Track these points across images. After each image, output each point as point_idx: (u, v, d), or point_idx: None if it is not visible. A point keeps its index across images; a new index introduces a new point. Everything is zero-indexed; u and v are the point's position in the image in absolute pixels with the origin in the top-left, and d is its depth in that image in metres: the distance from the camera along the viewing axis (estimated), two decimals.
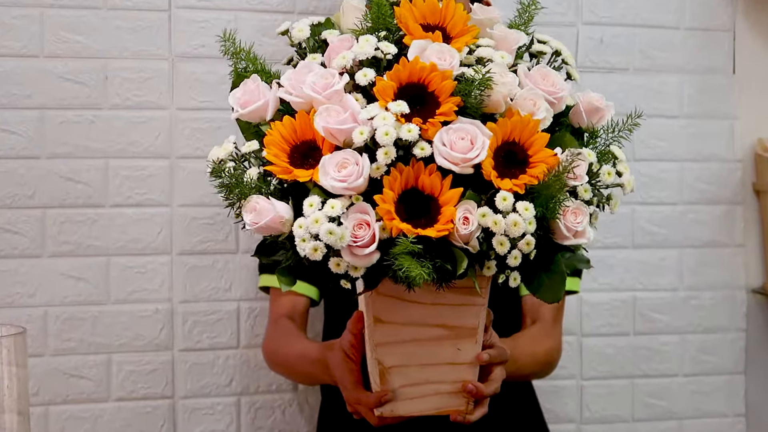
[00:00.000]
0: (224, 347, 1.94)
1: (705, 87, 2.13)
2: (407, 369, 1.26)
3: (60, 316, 1.87)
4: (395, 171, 1.07)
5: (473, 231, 1.06)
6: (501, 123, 1.09)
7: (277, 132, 1.12)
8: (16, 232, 1.85)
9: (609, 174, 1.16)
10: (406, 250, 1.04)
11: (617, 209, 1.20)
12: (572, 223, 1.11)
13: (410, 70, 1.10)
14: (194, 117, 1.91)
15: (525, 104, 1.12)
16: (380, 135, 1.06)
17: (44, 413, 1.87)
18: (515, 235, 1.06)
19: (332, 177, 1.07)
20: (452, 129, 1.07)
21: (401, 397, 1.27)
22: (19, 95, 1.84)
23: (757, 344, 2.18)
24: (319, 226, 1.06)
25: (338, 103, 1.11)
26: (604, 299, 2.08)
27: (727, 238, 2.15)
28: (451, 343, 1.24)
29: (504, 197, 1.06)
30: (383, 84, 1.10)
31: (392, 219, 1.06)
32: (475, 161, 1.06)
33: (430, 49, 1.12)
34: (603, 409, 2.12)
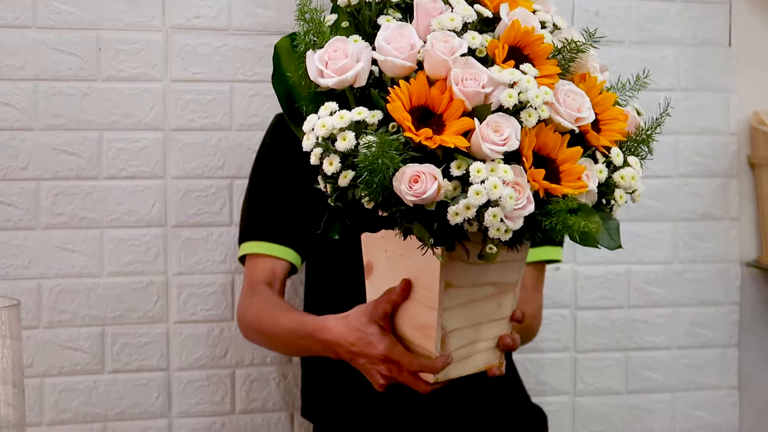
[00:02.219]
0: (219, 320, 1.94)
1: (701, 60, 2.12)
2: (462, 330, 1.27)
3: (54, 289, 1.87)
4: (531, 134, 1.10)
5: (593, 189, 1.13)
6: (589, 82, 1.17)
7: (397, 98, 1.09)
8: (9, 204, 1.85)
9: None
10: (566, 209, 1.08)
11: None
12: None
13: (517, 32, 1.13)
14: (188, 89, 1.90)
15: (592, 68, 1.21)
16: (532, 97, 1.09)
17: (39, 385, 1.87)
18: (634, 187, 1.17)
19: (491, 141, 1.07)
20: (563, 90, 1.13)
21: (461, 354, 1.28)
22: (12, 66, 1.83)
23: (751, 317, 2.18)
24: (498, 191, 1.05)
25: (462, 66, 1.11)
26: (598, 272, 2.09)
27: (722, 212, 2.16)
28: (496, 300, 1.27)
29: (617, 153, 1.15)
30: (494, 44, 1.13)
31: (535, 180, 1.09)
32: (587, 120, 1.13)
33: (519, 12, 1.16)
34: (597, 382, 2.12)
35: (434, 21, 1.13)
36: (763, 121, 2.10)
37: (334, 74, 1.13)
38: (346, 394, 1.35)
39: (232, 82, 1.91)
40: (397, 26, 1.15)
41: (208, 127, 1.91)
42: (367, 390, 1.32)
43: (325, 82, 1.14)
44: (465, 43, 1.12)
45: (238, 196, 1.91)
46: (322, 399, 1.70)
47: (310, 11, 1.19)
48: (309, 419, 1.77)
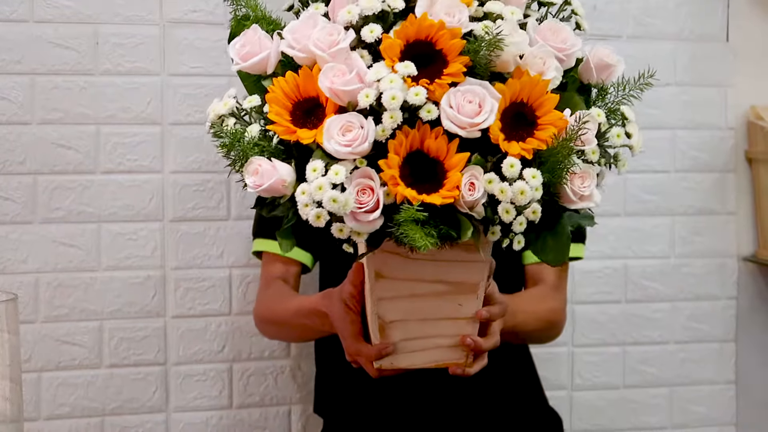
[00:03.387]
0: (216, 314, 1.94)
1: (698, 54, 2.12)
2: (407, 323, 1.25)
3: (51, 283, 1.87)
4: (401, 134, 1.04)
5: (479, 198, 1.04)
6: (510, 84, 1.06)
7: (279, 88, 1.09)
8: (6, 198, 1.84)
9: (618, 136, 1.14)
10: (410, 218, 1.02)
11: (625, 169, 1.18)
12: (579, 188, 1.09)
13: (418, 27, 1.06)
14: (186, 83, 1.90)
15: (535, 63, 1.09)
16: (387, 99, 1.02)
17: (36, 379, 1.87)
18: (522, 203, 1.04)
19: (336, 141, 1.04)
20: (460, 91, 1.04)
21: (401, 350, 1.27)
22: (9, 60, 1.83)
23: (748, 312, 2.18)
24: (322, 193, 1.03)
25: (343, 61, 1.08)
26: (595, 267, 2.09)
27: (719, 206, 2.16)
28: (452, 299, 1.23)
29: (511, 164, 1.03)
30: (390, 42, 1.06)
31: (397, 185, 1.04)
32: (482, 126, 1.03)
33: (439, 3, 1.08)
34: (594, 376, 2.13)
35: (339, 13, 1.10)
36: (760, 116, 2.10)
37: (240, 60, 1.14)
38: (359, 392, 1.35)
39: (230, 76, 1.90)
40: (308, 15, 1.12)
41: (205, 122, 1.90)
42: (380, 389, 1.32)
43: (233, 67, 1.15)
44: (349, 37, 1.07)
45: (235, 190, 1.91)
46: (335, 396, 1.70)
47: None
48: (321, 415, 1.77)
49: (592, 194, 1.10)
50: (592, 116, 1.08)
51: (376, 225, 1.06)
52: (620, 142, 1.13)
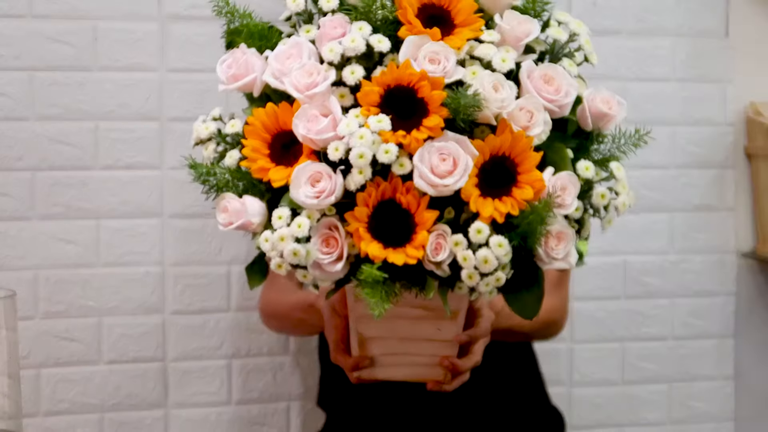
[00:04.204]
0: (215, 310, 1.94)
1: (698, 50, 2.12)
2: (386, 340, 1.25)
3: (50, 279, 1.87)
4: (371, 186, 1.01)
5: (444, 260, 1.01)
6: (489, 140, 1.02)
7: (258, 120, 1.06)
8: (5, 194, 1.84)
9: (603, 196, 1.09)
10: (370, 278, 0.99)
11: (610, 226, 1.13)
12: (553, 250, 1.04)
13: (397, 76, 1.01)
14: (185, 79, 1.89)
15: (520, 117, 1.03)
16: (354, 156, 0.98)
17: (35, 376, 1.87)
18: (486, 271, 1.00)
19: (303, 191, 1.01)
20: (435, 147, 0.99)
21: (380, 363, 1.27)
22: (7, 56, 1.82)
23: (747, 308, 2.19)
24: (284, 245, 1.01)
25: (320, 105, 1.04)
26: (594, 263, 2.08)
27: (718, 202, 2.16)
28: (431, 323, 1.21)
29: (479, 230, 0.99)
30: (367, 90, 1.01)
31: (361, 239, 1.01)
32: (453, 188, 0.99)
33: (424, 48, 1.02)
34: (593, 372, 2.13)
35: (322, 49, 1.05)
36: (759, 112, 2.10)
37: (226, 81, 1.11)
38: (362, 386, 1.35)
39: None
40: (294, 43, 1.08)
41: None
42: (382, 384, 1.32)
43: (220, 87, 1.12)
44: (328, 80, 1.03)
45: None
46: (338, 391, 1.69)
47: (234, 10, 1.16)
48: (324, 409, 1.77)
49: (568, 256, 1.06)
50: (572, 180, 1.04)
51: (340, 275, 1.05)
52: (603, 202, 1.09)
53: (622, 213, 1.11)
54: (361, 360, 1.26)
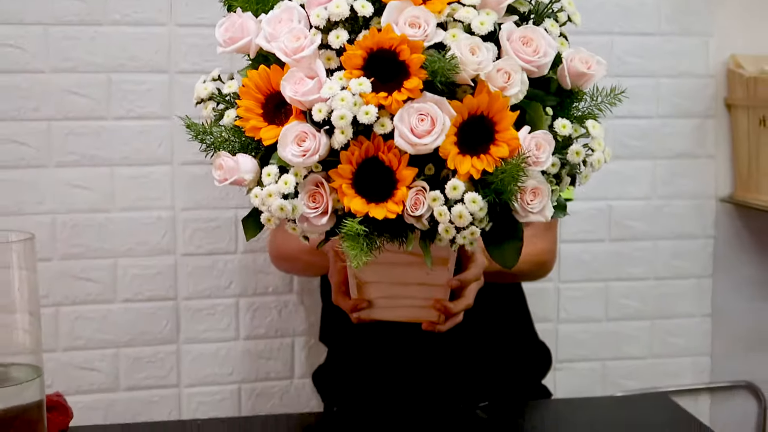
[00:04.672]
0: (223, 252, 1.95)
1: (681, 5, 2.10)
2: (381, 284, 1.26)
3: (67, 223, 1.87)
4: (354, 145, 1.01)
5: (423, 214, 1.01)
6: (467, 101, 1.00)
7: (251, 81, 1.06)
8: (22, 143, 1.84)
9: (578, 153, 1.06)
10: (352, 231, 1.00)
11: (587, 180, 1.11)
12: (529, 204, 1.03)
13: (378, 40, 1.00)
14: (192, 33, 1.88)
15: (498, 78, 1.01)
16: (335, 117, 0.98)
17: (54, 314, 1.88)
18: (460, 225, 1.00)
19: (290, 150, 1.01)
20: (413, 108, 0.98)
21: (377, 305, 1.28)
22: (20, 11, 1.80)
23: (725, 250, 2.19)
24: (272, 200, 1.02)
25: (307, 68, 1.03)
26: (581, 208, 2.09)
27: (699, 150, 2.15)
28: (422, 269, 1.18)
29: (454, 186, 0.99)
30: (350, 54, 1.01)
31: (344, 195, 1.01)
32: (431, 146, 0.98)
33: (405, 13, 1.01)
34: (578, 310, 2.14)
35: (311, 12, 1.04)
36: (739, 64, 2.09)
37: (223, 44, 1.11)
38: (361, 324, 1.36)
39: None
40: (286, 7, 1.07)
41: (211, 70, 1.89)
42: (380, 322, 1.33)
43: (218, 50, 1.12)
44: (314, 44, 1.02)
45: None
46: (339, 327, 1.70)
47: None
48: (325, 344, 1.78)
49: (544, 209, 1.04)
50: (546, 138, 1.02)
51: (326, 228, 1.05)
52: (578, 159, 1.07)
53: (597, 169, 1.09)
54: (359, 302, 1.27)
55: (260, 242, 1.95)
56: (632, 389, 2.18)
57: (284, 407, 2.01)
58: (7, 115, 1.82)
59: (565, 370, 2.14)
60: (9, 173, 1.84)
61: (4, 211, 1.84)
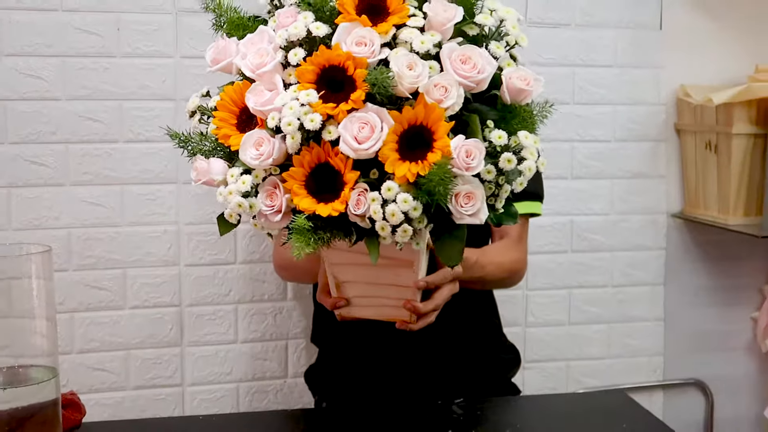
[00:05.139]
0: (223, 263, 1.95)
1: (635, 40, 2.12)
2: (357, 284, 1.25)
3: (81, 237, 1.86)
4: (305, 150, 1.02)
5: (364, 213, 1.01)
6: (405, 112, 1.01)
7: (227, 96, 1.08)
8: (42, 164, 1.83)
9: (509, 161, 1.04)
10: (300, 226, 1.01)
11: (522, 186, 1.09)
12: (463, 207, 1.03)
13: (328, 57, 1.02)
14: (196, 64, 1.88)
15: (435, 91, 1.01)
16: (284, 124, 1.00)
17: (69, 319, 1.87)
18: (394, 223, 1.00)
19: (249, 154, 1.03)
20: (355, 117, 1.00)
21: (355, 303, 1.27)
22: (42, 44, 1.80)
23: (675, 261, 2.20)
24: (232, 198, 1.04)
25: (269, 82, 1.06)
26: (546, 222, 2.09)
27: (652, 171, 2.16)
28: (391, 270, 1.20)
29: (389, 187, 1.00)
30: (303, 69, 1.03)
31: (295, 195, 1.03)
32: (369, 151, 1.00)
33: (353, 33, 1.03)
34: (544, 315, 2.14)
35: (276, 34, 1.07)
36: (687, 93, 2.11)
37: (211, 64, 1.14)
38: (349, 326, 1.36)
39: None
40: (259, 31, 1.10)
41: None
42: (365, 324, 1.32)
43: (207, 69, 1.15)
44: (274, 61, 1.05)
45: None
46: (329, 329, 1.70)
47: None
48: (316, 345, 1.77)
49: (478, 213, 1.04)
50: (477, 146, 1.01)
51: (281, 225, 1.06)
52: (510, 167, 1.05)
53: (528, 176, 1.07)
54: (338, 300, 1.27)
55: (256, 254, 1.95)
56: (593, 386, 2.18)
57: (279, 404, 2.00)
58: (28, 138, 1.82)
59: (532, 369, 2.14)
60: (29, 191, 1.83)
61: (25, 225, 1.83)
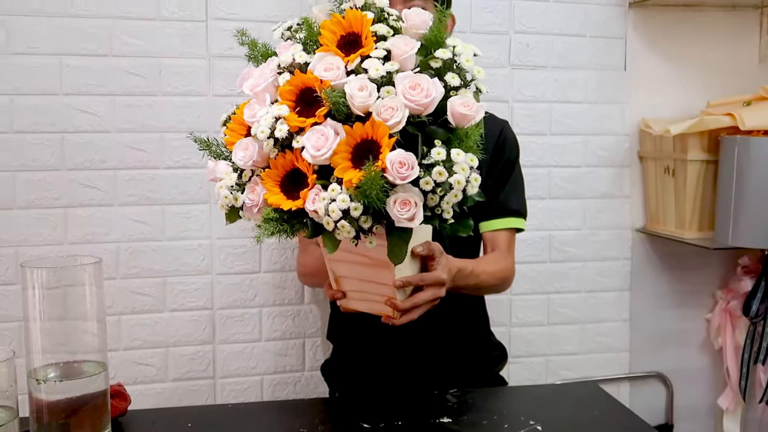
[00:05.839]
0: (250, 272, 1.94)
1: (603, 80, 2.12)
2: (351, 279, 1.25)
3: (127, 250, 1.86)
4: (280, 156, 1.07)
5: (316, 210, 1.04)
6: (356, 127, 1.03)
7: (240, 112, 1.14)
8: (94, 187, 1.83)
9: (440, 174, 1.04)
10: (267, 216, 1.06)
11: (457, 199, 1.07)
12: (400, 211, 1.03)
13: (303, 79, 1.07)
14: (227, 102, 1.88)
15: (384, 111, 1.02)
16: (258, 132, 1.07)
17: (117, 321, 1.87)
18: (335, 219, 1.03)
19: (238, 156, 1.10)
20: (316, 129, 1.04)
21: (350, 296, 1.27)
22: (94, 85, 1.81)
23: (639, 269, 2.20)
24: (221, 191, 1.12)
25: (262, 99, 1.11)
26: (528, 236, 2.09)
27: (618, 192, 2.16)
28: (374, 269, 1.20)
29: (333, 189, 1.02)
30: (283, 89, 1.08)
31: (269, 192, 1.08)
32: (321, 158, 1.03)
33: (324, 60, 1.07)
34: (526, 317, 2.14)
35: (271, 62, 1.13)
36: (648, 125, 2.11)
37: (237, 87, 1.19)
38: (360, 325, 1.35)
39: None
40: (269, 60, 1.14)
41: None
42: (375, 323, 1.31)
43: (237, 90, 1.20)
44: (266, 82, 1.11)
45: None
46: (342, 327, 1.69)
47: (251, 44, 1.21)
48: (331, 341, 1.76)
49: (413, 218, 1.04)
50: (408, 159, 1.01)
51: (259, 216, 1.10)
52: (442, 179, 1.04)
53: (457, 188, 1.05)
54: (336, 293, 1.27)
55: (278, 264, 1.95)
56: (569, 378, 2.17)
57: (297, 394, 1.99)
58: (82, 165, 1.82)
59: (516, 363, 2.13)
60: (83, 210, 1.83)
61: (79, 240, 1.83)
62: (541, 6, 2.05)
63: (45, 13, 1.77)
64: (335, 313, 1.73)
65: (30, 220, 1.80)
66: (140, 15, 1.82)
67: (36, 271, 1.10)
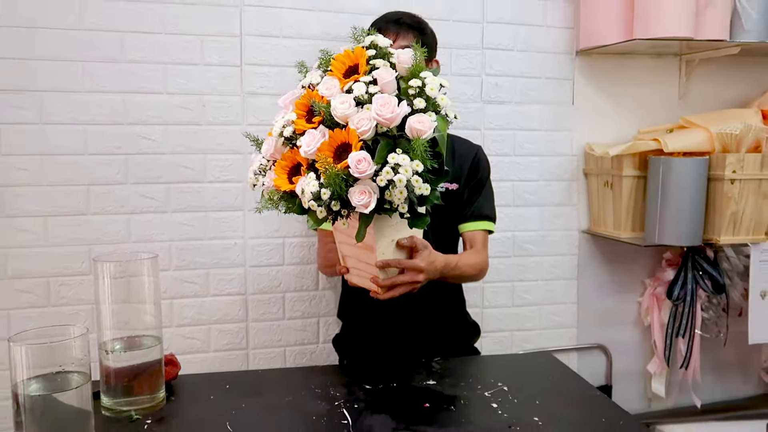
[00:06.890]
0: (275, 264, 1.94)
1: (556, 112, 2.12)
2: (350, 258, 1.26)
3: (178, 247, 1.86)
4: (289, 151, 1.14)
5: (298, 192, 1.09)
6: (336, 132, 1.07)
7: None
8: (151, 198, 1.83)
9: (388, 173, 1.03)
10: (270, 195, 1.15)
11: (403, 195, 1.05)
12: (356, 200, 1.04)
13: (309, 95, 1.14)
14: (259, 129, 1.87)
15: (359, 121, 1.05)
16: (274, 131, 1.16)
17: (170, 304, 1.87)
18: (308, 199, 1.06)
19: (263, 148, 1.19)
20: (311, 132, 1.09)
21: (351, 272, 1.27)
22: (151, 116, 1.81)
23: (584, 263, 2.20)
24: (250, 173, 1.21)
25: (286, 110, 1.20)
26: (497, 237, 2.09)
27: (568, 201, 2.16)
28: (364, 252, 1.20)
29: (309, 176, 1.07)
30: (298, 102, 1.15)
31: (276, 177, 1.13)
32: (309, 153, 1.08)
33: (325, 83, 1.13)
34: (496, 300, 2.14)
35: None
36: (591, 148, 2.11)
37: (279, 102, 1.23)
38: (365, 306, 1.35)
39: None
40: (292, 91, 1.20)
41: None
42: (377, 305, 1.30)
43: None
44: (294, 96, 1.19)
45: None
46: (351, 307, 1.68)
47: None
48: (341, 319, 1.75)
49: (368, 205, 1.04)
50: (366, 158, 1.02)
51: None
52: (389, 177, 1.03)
53: (400, 186, 1.04)
54: (342, 268, 1.28)
55: (297, 259, 1.94)
56: (529, 349, 2.17)
57: (313, 362, 1.99)
58: (143, 180, 1.82)
59: (487, 337, 2.13)
60: (143, 216, 1.83)
61: (140, 239, 1.83)
62: (507, 54, 2.05)
63: (110, 59, 1.77)
64: (344, 297, 1.73)
65: (100, 224, 1.80)
66: (187, 61, 1.82)
67: (105, 264, 1.10)
